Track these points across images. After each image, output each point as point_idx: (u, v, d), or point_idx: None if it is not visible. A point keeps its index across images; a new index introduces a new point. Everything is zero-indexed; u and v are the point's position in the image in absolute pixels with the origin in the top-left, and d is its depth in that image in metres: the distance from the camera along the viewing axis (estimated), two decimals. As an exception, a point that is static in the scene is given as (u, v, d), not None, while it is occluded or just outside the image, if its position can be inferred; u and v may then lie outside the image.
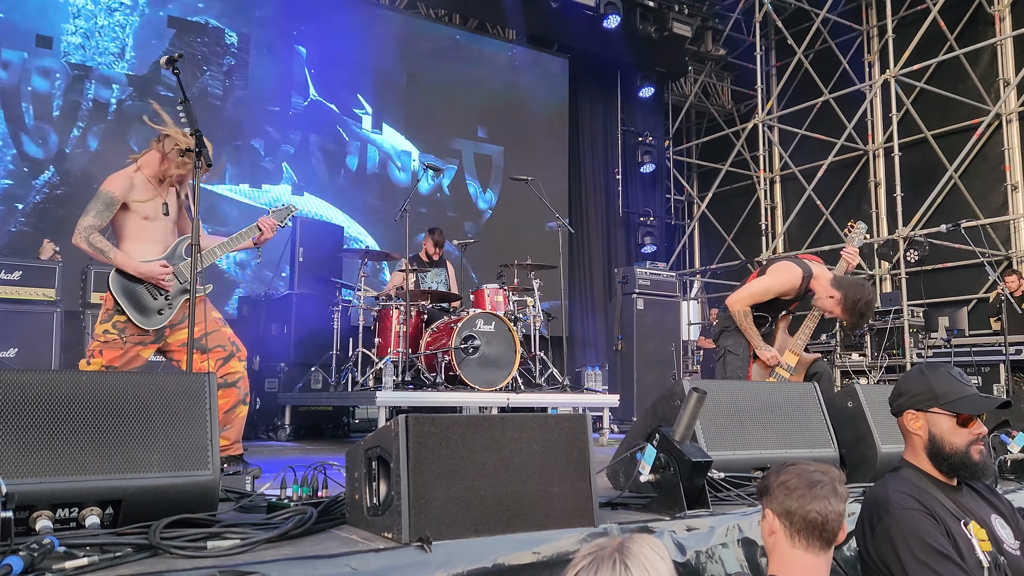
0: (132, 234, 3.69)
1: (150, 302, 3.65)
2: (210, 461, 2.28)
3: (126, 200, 3.63)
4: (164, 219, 3.75)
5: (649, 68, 12.37)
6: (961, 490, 2.27)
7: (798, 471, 1.89)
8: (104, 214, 3.59)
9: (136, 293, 3.63)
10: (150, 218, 3.70)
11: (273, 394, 7.05)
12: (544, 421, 2.47)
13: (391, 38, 10.39)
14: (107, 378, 2.39)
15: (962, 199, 10.38)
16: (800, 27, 12.01)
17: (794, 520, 1.84)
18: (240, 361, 3.79)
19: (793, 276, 4.39)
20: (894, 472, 2.33)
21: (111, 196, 3.60)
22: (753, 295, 4.42)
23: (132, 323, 3.60)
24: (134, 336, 3.63)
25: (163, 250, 3.74)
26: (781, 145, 12.28)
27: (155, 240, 3.73)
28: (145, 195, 3.68)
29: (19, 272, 5.37)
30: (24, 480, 1.99)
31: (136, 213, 3.67)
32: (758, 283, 4.45)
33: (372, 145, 10.08)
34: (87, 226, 3.56)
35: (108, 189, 3.62)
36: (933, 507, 2.13)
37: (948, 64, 10.38)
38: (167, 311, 3.69)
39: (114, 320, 3.61)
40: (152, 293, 3.66)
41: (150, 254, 3.69)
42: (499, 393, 6.16)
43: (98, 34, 8.23)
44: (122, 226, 3.69)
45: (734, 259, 12.90)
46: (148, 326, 3.64)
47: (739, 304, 4.40)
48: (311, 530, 2.23)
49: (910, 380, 2.34)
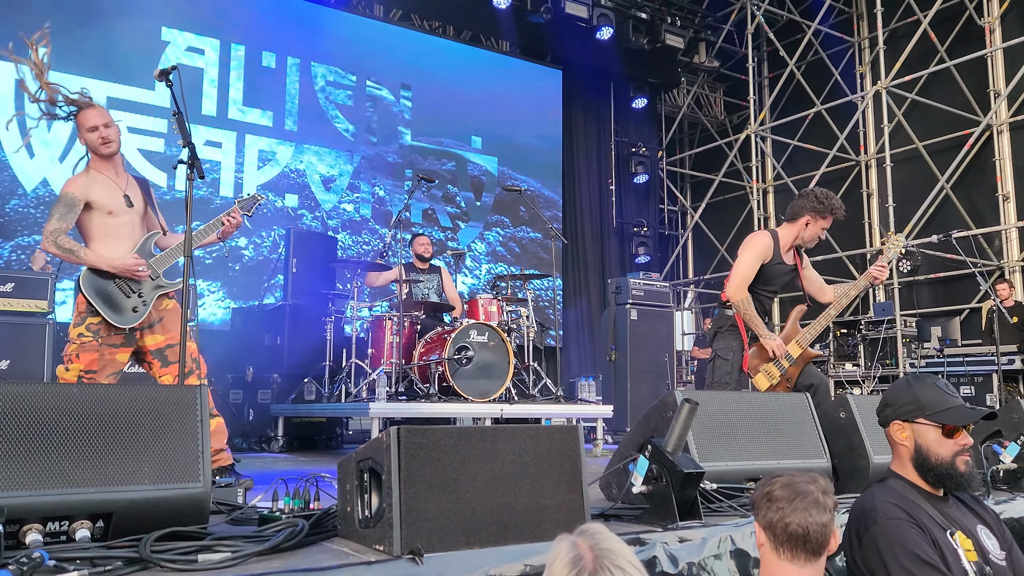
0: (100, 233, 3.69)
1: (123, 300, 3.65)
2: (201, 473, 2.28)
3: (88, 199, 3.64)
4: (129, 212, 3.75)
5: (642, 79, 12.43)
6: (947, 500, 2.29)
7: (784, 482, 1.89)
8: (68, 216, 3.60)
9: (108, 292, 3.62)
10: (115, 212, 3.70)
11: (266, 405, 7.02)
12: (536, 432, 2.47)
13: (385, 50, 10.43)
14: (97, 390, 2.38)
15: (954, 209, 10.44)
16: (792, 39, 12.10)
17: (776, 532, 1.85)
18: (199, 380, 3.75)
19: (761, 238, 4.50)
20: (881, 483, 2.34)
21: (71, 197, 3.61)
22: (743, 274, 4.43)
23: (106, 324, 3.59)
24: (108, 338, 3.62)
25: (132, 246, 3.73)
26: (774, 156, 12.33)
27: (123, 236, 3.73)
28: (105, 190, 3.69)
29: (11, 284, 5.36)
30: (14, 493, 1.98)
31: (99, 210, 3.67)
32: (738, 263, 4.49)
33: (365, 155, 10.10)
34: (52, 230, 3.57)
35: (68, 191, 3.63)
36: (919, 517, 2.14)
37: (939, 76, 10.46)
38: (141, 308, 3.68)
39: (87, 322, 3.59)
40: (125, 291, 3.65)
41: (119, 251, 3.69)
42: (493, 404, 6.15)
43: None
44: (89, 227, 3.69)
45: (727, 269, 12.90)
46: (123, 324, 3.62)
47: (738, 292, 4.40)
48: (302, 543, 2.22)
49: (897, 391, 2.36)
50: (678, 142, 14.22)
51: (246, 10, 9.42)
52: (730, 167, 12.71)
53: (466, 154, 10.99)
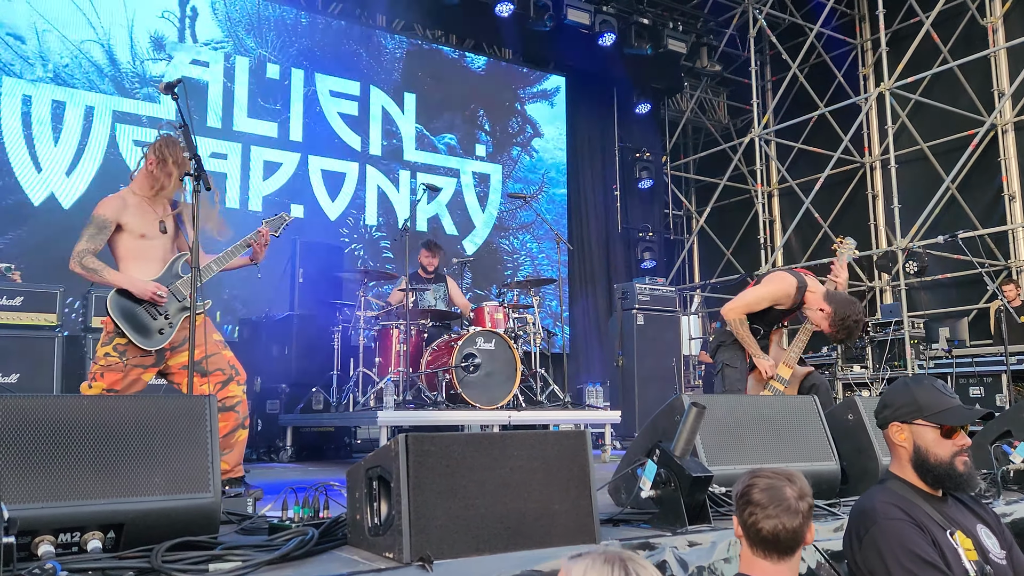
0: (129, 254, 3.70)
1: (150, 322, 3.65)
2: (211, 484, 2.29)
3: (119, 221, 3.65)
4: (162, 238, 3.76)
5: (645, 85, 12.45)
6: (947, 501, 2.29)
7: (763, 486, 1.93)
8: (97, 237, 3.61)
9: (136, 314, 3.63)
10: (147, 236, 3.71)
11: (275, 415, 7.04)
12: (544, 438, 2.48)
13: (388, 59, 10.47)
14: (108, 402, 2.40)
15: (960, 210, 10.41)
16: (794, 42, 12.10)
17: (749, 533, 1.92)
18: (239, 385, 3.77)
19: (787, 285, 4.42)
20: (880, 484, 2.35)
21: (103, 219, 3.63)
22: (748, 304, 4.44)
23: (133, 345, 3.61)
24: (135, 358, 3.63)
25: (161, 268, 3.75)
26: (778, 159, 12.33)
27: (153, 259, 3.74)
28: (139, 214, 3.69)
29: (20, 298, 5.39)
30: (26, 505, 2.00)
31: (131, 233, 3.68)
32: (753, 292, 4.48)
33: (370, 164, 10.13)
34: (80, 250, 3.58)
35: (100, 213, 3.64)
36: (919, 517, 2.15)
37: (943, 76, 10.45)
38: (168, 330, 3.69)
39: (115, 343, 3.61)
40: (151, 313, 3.65)
41: (148, 273, 3.70)
42: (500, 411, 6.15)
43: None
44: (119, 247, 3.71)
45: (733, 273, 12.91)
46: (150, 346, 3.63)
47: (734, 313, 4.43)
48: (312, 551, 2.23)
49: (894, 393, 2.37)
50: (682, 147, 14.23)
51: (250, 22, 9.47)
52: (735, 171, 12.70)
53: (471, 162, 11.01)
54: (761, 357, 4.41)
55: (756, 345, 4.43)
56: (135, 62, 8.61)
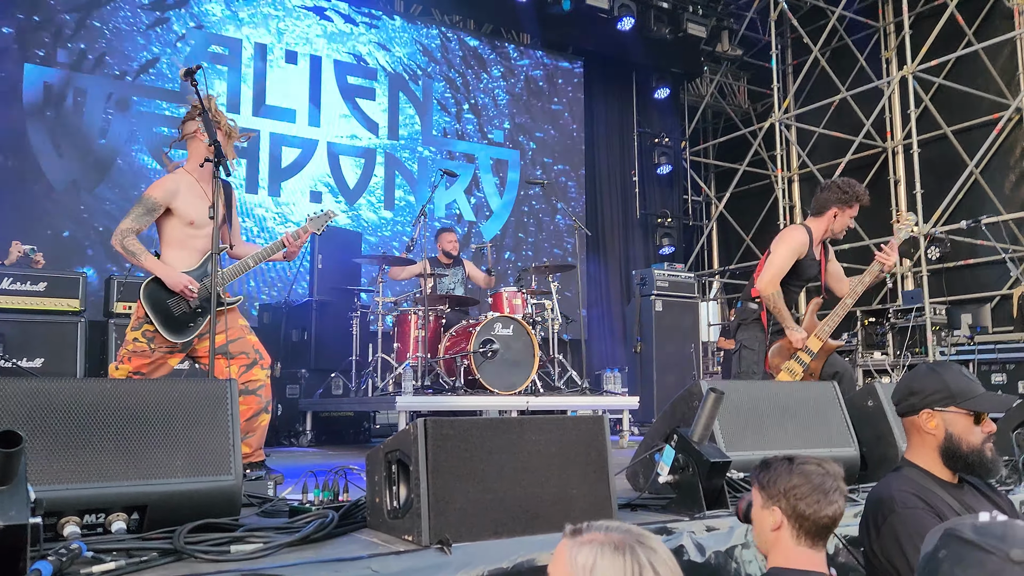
0: (175, 241, 3.71)
1: (180, 315, 3.66)
2: (232, 466, 2.32)
3: (170, 205, 3.66)
4: (209, 226, 3.68)
5: (664, 69, 12.35)
6: (963, 488, 2.28)
7: (805, 476, 1.92)
8: (144, 219, 3.63)
9: (167, 306, 3.64)
10: (195, 224, 3.70)
11: (294, 400, 7.10)
12: (562, 423, 2.49)
13: (407, 45, 10.46)
14: (131, 385, 2.43)
15: (983, 195, 10.27)
16: (816, 25, 11.94)
17: (805, 524, 1.89)
18: (263, 369, 3.80)
19: (798, 233, 4.51)
20: (896, 471, 2.33)
21: (153, 201, 3.64)
22: (777, 270, 4.42)
23: (160, 334, 3.64)
24: (163, 346, 3.66)
25: (199, 260, 3.75)
26: (799, 144, 12.20)
27: (194, 249, 3.74)
28: (191, 199, 3.68)
29: (44, 283, 5.45)
30: (52, 486, 2.03)
31: (180, 219, 3.68)
32: (774, 257, 4.47)
33: (388, 150, 10.14)
34: (124, 229, 3.60)
35: (150, 195, 3.65)
36: (937, 505, 2.13)
37: (966, 59, 10.28)
38: (196, 322, 3.70)
39: (143, 329, 3.63)
40: (182, 306, 3.67)
41: (185, 263, 3.71)
42: (519, 396, 6.17)
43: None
44: (165, 231, 3.72)
45: (753, 259, 12.82)
46: (177, 339, 3.66)
47: (770, 286, 4.39)
48: (332, 534, 2.25)
49: (922, 379, 2.33)
50: (701, 132, 14.11)
51: (268, 7, 9.48)
52: (754, 156, 12.59)
53: (489, 147, 10.99)
54: (794, 329, 4.39)
55: (790, 317, 4.42)
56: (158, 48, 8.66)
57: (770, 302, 4.39)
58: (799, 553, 1.91)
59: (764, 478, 1.98)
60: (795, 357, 4.37)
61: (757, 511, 2.00)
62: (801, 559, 1.91)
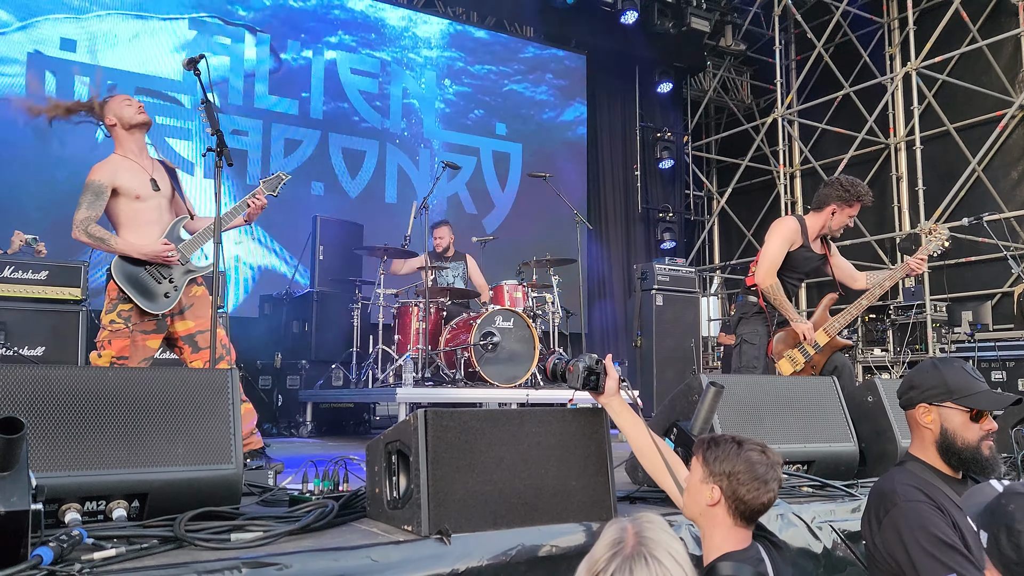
0: (128, 219, 3.74)
1: (155, 286, 3.70)
2: (233, 455, 2.32)
3: (115, 185, 3.69)
4: (156, 196, 3.79)
5: (667, 63, 12.32)
6: (966, 483, 2.28)
7: (750, 464, 1.97)
8: (96, 204, 3.64)
9: (140, 278, 3.67)
10: (142, 197, 3.74)
11: (295, 391, 7.11)
12: (562, 415, 2.49)
13: (409, 37, 10.43)
14: (132, 374, 2.44)
15: (985, 192, 10.25)
16: (820, 20, 11.92)
17: (741, 506, 1.95)
18: (229, 365, 3.80)
19: (788, 223, 4.53)
20: (899, 466, 2.34)
21: (99, 184, 3.66)
22: (772, 261, 4.43)
23: (137, 310, 3.65)
24: (140, 324, 3.68)
25: (161, 231, 3.79)
26: (801, 139, 12.18)
27: (151, 222, 3.78)
28: (131, 174, 3.73)
29: (45, 272, 5.44)
30: (53, 473, 2.04)
31: (127, 196, 3.72)
32: (767, 248, 4.49)
33: (390, 142, 10.13)
34: (82, 219, 3.61)
35: (94, 178, 3.67)
36: (939, 500, 2.14)
37: (970, 56, 10.26)
38: (173, 294, 3.74)
39: (119, 309, 3.65)
40: (156, 277, 3.70)
41: (148, 237, 3.74)
42: (519, 389, 6.18)
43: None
44: (117, 213, 3.74)
45: (754, 255, 12.78)
46: (155, 310, 3.68)
47: (767, 278, 4.40)
48: (332, 523, 2.26)
49: (923, 373, 2.34)
50: (704, 127, 14.10)
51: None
52: (757, 151, 12.58)
53: (491, 140, 10.98)
54: (799, 321, 4.39)
55: (792, 309, 4.42)
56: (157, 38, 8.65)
57: (769, 294, 4.39)
58: (737, 532, 1.97)
59: (710, 455, 2.02)
60: (799, 347, 4.38)
61: (695, 483, 2.04)
62: (739, 538, 1.97)
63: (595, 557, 1.47)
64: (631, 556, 1.43)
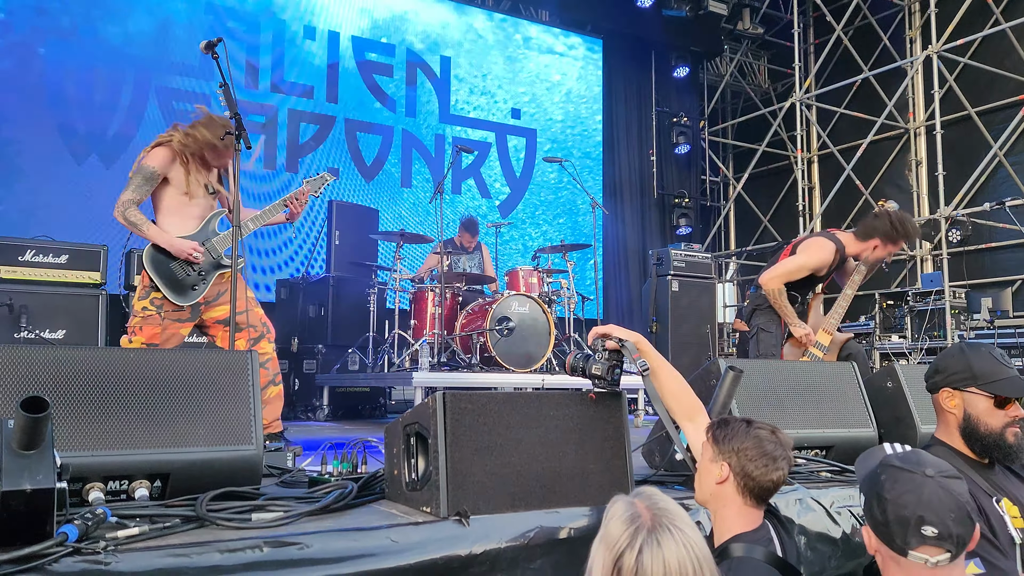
0: (169, 209, 3.74)
1: (184, 278, 3.71)
2: (253, 436, 2.34)
3: (167, 175, 3.68)
4: (207, 198, 3.81)
5: (684, 48, 12.23)
6: (993, 468, 2.26)
7: (758, 440, 1.98)
8: (143, 188, 3.64)
9: (171, 270, 3.69)
10: (191, 195, 3.73)
11: (311, 375, 7.15)
12: (581, 398, 2.49)
13: (425, 21, 10.40)
14: (154, 355, 2.46)
15: (1007, 177, 10.14)
16: (839, 3, 11.78)
17: (750, 484, 1.96)
18: (270, 343, 3.82)
19: (827, 252, 4.40)
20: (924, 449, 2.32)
21: (151, 170, 3.65)
22: (788, 272, 4.39)
23: (168, 300, 3.67)
24: (171, 313, 3.70)
25: (198, 225, 3.79)
26: (819, 124, 12.08)
27: (192, 216, 3.78)
28: (188, 172, 3.72)
29: (66, 256, 5.49)
30: (78, 453, 2.06)
31: (176, 188, 3.71)
32: (792, 261, 4.43)
33: (405, 127, 10.12)
34: (125, 200, 3.61)
35: (149, 164, 3.65)
36: None
37: (992, 39, 10.11)
38: (201, 286, 3.75)
39: (151, 297, 3.67)
40: (185, 269, 3.71)
41: (184, 229, 3.74)
42: (534, 374, 6.19)
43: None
44: (161, 200, 3.74)
45: (770, 240, 12.75)
46: (183, 302, 3.70)
47: (774, 282, 4.38)
48: (351, 504, 2.28)
49: (949, 358, 2.32)
50: (720, 111, 13.99)
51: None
52: (774, 136, 12.48)
53: (506, 125, 10.95)
54: (798, 325, 4.37)
55: (793, 313, 4.39)
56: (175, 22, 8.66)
57: (771, 297, 4.38)
58: (747, 513, 1.98)
59: (720, 434, 2.04)
60: (807, 353, 4.37)
61: (706, 463, 2.06)
62: (750, 519, 1.98)
63: (613, 535, 1.46)
64: (654, 528, 1.43)
